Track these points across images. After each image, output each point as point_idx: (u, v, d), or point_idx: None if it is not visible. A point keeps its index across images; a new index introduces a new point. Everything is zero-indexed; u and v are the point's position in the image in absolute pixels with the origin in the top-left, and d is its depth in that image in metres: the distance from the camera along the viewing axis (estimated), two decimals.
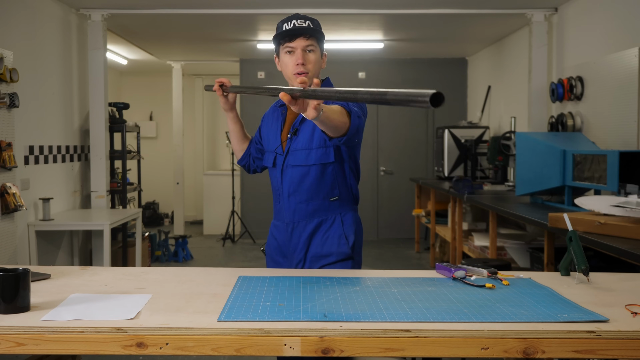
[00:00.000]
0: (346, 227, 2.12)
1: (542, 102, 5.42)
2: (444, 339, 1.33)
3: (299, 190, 2.11)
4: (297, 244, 2.13)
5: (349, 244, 2.11)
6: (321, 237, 2.11)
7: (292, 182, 2.12)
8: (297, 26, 2.06)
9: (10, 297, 1.44)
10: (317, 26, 2.11)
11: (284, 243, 2.17)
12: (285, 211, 2.16)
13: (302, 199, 2.12)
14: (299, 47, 2.06)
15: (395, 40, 7.03)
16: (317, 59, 2.09)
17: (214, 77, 9.91)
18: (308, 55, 2.08)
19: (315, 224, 2.12)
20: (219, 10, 5.42)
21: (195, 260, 6.84)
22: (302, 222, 2.12)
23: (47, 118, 4.88)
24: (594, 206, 2.91)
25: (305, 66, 2.06)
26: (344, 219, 2.13)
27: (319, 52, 2.11)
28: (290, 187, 2.13)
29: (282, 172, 2.15)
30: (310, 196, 2.11)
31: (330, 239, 2.10)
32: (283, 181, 2.15)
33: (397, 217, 8.32)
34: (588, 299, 1.59)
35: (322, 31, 2.13)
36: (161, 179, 9.78)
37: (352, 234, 2.12)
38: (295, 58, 2.07)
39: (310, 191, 2.10)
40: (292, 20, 2.09)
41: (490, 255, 4.41)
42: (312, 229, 2.11)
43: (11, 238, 4.20)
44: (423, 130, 8.36)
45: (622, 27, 4.26)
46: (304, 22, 2.07)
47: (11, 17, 4.33)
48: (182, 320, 1.39)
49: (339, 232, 2.11)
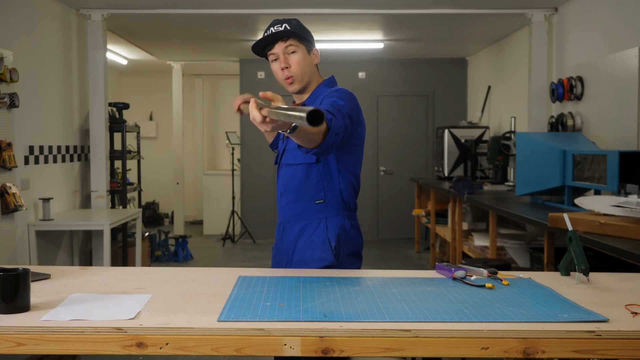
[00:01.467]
0: (330, 232, 2.06)
1: (542, 102, 5.42)
2: (444, 339, 1.33)
3: (288, 189, 2.11)
4: (287, 245, 2.12)
5: (332, 249, 2.05)
6: (306, 240, 2.08)
7: (283, 181, 2.13)
8: (274, 32, 2.03)
9: (10, 297, 1.43)
10: (295, 26, 2.06)
11: (279, 242, 2.17)
12: (278, 210, 2.18)
13: (290, 199, 2.11)
14: (279, 51, 2.05)
15: (395, 40, 7.03)
16: (300, 59, 2.06)
17: (214, 77, 9.92)
18: (290, 58, 2.05)
19: (301, 226, 2.09)
20: (219, 10, 5.42)
21: (195, 260, 6.84)
22: (291, 223, 2.11)
23: (47, 118, 4.88)
24: (594, 206, 2.91)
25: (290, 69, 2.05)
26: (328, 223, 2.07)
27: (303, 51, 2.07)
28: (281, 186, 2.14)
29: (277, 170, 2.18)
30: (297, 197, 2.09)
31: (314, 243, 2.07)
32: (277, 179, 2.17)
33: (397, 217, 8.32)
34: (588, 299, 1.59)
35: (302, 28, 2.08)
36: (161, 179, 9.78)
37: (334, 240, 2.06)
38: (279, 63, 2.06)
39: (297, 191, 2.09)
40: (269, 28, 2.06)
41: (490, 255, 4.41)
42: (298, 231, 2.09)
43: (11, 238, 4.20)
44: (423, 130, 8.36)
45: (622, 27, 4.26)
46: (280, 26, 2.04)
47: (11, 17, 4.33)
48: (182, 320, 1.39)
49: (322, 236, 2.06)
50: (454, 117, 8.19)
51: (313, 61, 2.11)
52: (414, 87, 8.32)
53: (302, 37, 2.07)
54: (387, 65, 8.30)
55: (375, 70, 8.29)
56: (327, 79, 2.16)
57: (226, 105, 9.92)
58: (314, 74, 2.13)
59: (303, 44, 2.07)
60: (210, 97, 9.98)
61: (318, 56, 2.14)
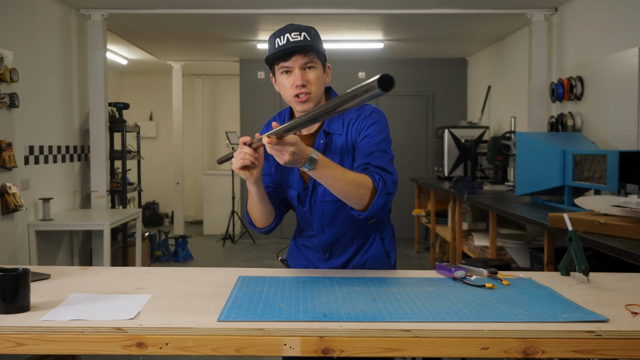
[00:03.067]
0: (387, 244, 1.98)
1: (542, 102, 5.42)
2: (444, 339, 1.33)
3: (335, 222, 1.91)
4: (334, 266, 1.98)
5: (391, 262, 1.98)
6: (359, 259, 1.96)
7: (325, 216, 1.91)
8: (292, 41, 1.75)
9: (10, 297, 1.43)
10: (315, 37, 1.80)
11: (319, 263, 2.00)
12: (319, 241, 1.97)
13: (338, 230, 1.92)
14: (296, 66, 1.77)
15: (395, 40, 7.03)
16: (318, 76, 1.80)
17: (214, 77, 9.92)
18: (308, 74, 1.78)
19: (355, 248, 1.96)
20: (219, 10, 5.42)
21: (195, 260, 6.84)
22: (342, 247, 1.96)
23: (47, 118, 4.88)
24: (594, 206, 2.91)
25: (306, 87, 1.78)
26: (383, 236, 1.97)
27: (321, 68, 1.82)
28: (324, 221, 1.92)
29: (310, 208, 1.91)
30: (348, 226, 1.92)
31: (370, 262, 1.96)
32: (313, 216, 1.93)
33: (397, 217, 8.30)
34: (588, 299, 1.59)
35: (321, 42, 1.84)
36: (161, 179, 9.79)
37: (394, 250, 1.98)
38: (294, 79, 1.77)
39: (347, 222, 1.91)
40: (284, 33, 1.77)
41: (490, 255, 4.41)
42: (352, 253, 1.96)
43: (11, 238, 4.20)
44: (423, 130, 8.36)
45: (622, 27, 4.26)
46: (299, 34, 1.76)
47: (11, 17, 4.33)
48: (182, 320, 1.39)
49: (379, 252, 1.96)
50: (454, 117, 8.19)
51: (326, 80, 1.87)
52: (414, 87, 8.32)
53: (321, 51, 1.83)
54: (387, 65, 8.29)
55: (375, 70, 8.29)
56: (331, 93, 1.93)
57: (226, 105, 9.92)
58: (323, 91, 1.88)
59: (320, 59, 1.82)
60: (210, 97, 9.98)
61: (330, 75, 1.90)
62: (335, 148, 1.84)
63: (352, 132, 1.83)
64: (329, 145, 1.85)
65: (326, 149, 1.84)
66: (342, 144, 1.84)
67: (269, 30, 6.41)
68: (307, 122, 1.41)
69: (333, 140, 1.85)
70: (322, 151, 1.84)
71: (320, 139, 1.85)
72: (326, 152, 1.84)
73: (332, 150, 1.84)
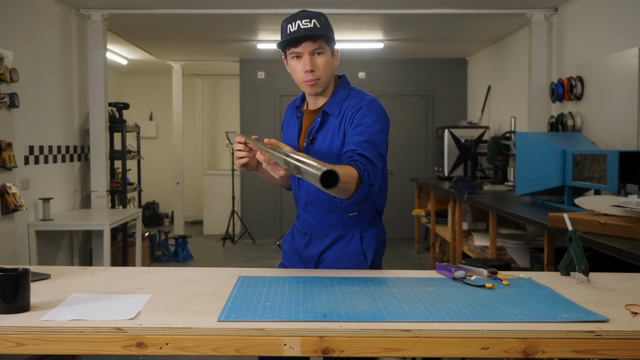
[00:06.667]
0: (365, 243, 1.99)
1: (542, 102, 5.42)
2: (444, 339, 1.33)
3: (317, 202, 1.99)
4: (313, 256, 2.03)
5: (367, 262, 1.98)
6: (337, 253, 1.99)
7: (310, 193, 1.99)
8: (302, 27, 1.87)
9: (10, 297, 1.44)
10: (325, 24, 1.91)
11: (301, 250, 2.07)
12: (302, 221, 2.05)
13: (320, 211, 1.99)
14: (305, 52, 1.90)
15: (395, 40, 7.03)
16: (327, 62, 1.92)
17: (214, 77, 9.91)
18: (316, 60, 1.91)
19: (332, 238, 1.99)
20: (219, 10, 5.42)
21: (195, 260, 6.84)
22: (320, 234, 2.01)
23: (47, 118, 4.88)
24: (594, 206, 2.91)
25: (315, 72, 1.91)
26: (363, 234, 1.99)
27: (329, 53, 1.94)
28: (308, 198, 2.00)
29: (298, 181, 2.03)
30: (329, 209, 1.97)
31: (346, 256, 1.98)
32: (300, 191, 2.03)
33: (397, 217, 8.31)
34: (588, 299, 1.59)
35: (330, 27, 1.94)
36: (161, 179, 9.79)
37: (372, 252, 1.99)
38: (303, 64, 1.91)
39: (329, 204, 1.96)
40: (296, 20, 1.90)
41: (490, 255, 4.41)
42: (329, 243, 2.00)
43: (11, 238, 4.20)
44: (423, 130, 8.36)
45: (622, 27, 4.26)
46: (309, 21, 1.88)
47: (11, 17, 4.33)
48: (182, 320, 1.39)
49: (356, 249, 1.98)
50: (454, 117, 8.18)
51: (335, 63, 1.98)
52: (414, 87, 8.32)
53: (330, 37, 1.93)
54: (387, 65, 8.30)
55: (375, 70, 8.29)
56: (341, 79, 2.04)
57: (226, 105, 9.91)
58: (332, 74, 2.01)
59: (329, 45, 1.94)
60: (210, 97, 9.98)
61: (338, 58, 2.01)
62: (329, 128, 1.97)
63: (346, 117, 1.94)
64: (324, 123, 1.98)
65: (321, 127, 1.98)
66: (336, 126, 1.96)
67: (269, 30, 6.41)
68: (278, 159, 1.55)
69: (329, 120, 1.98)
70: (317, 128, 1.98)
71: (319, 117, 1.99)
72: (321, 129, 1.98)
73: (325, 129, 1.98)
